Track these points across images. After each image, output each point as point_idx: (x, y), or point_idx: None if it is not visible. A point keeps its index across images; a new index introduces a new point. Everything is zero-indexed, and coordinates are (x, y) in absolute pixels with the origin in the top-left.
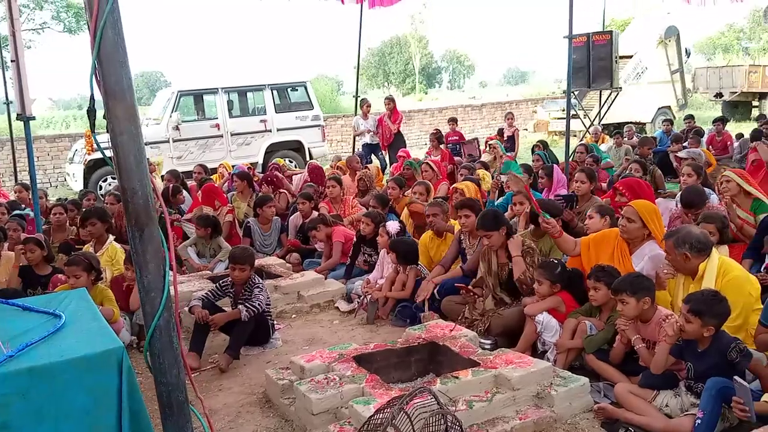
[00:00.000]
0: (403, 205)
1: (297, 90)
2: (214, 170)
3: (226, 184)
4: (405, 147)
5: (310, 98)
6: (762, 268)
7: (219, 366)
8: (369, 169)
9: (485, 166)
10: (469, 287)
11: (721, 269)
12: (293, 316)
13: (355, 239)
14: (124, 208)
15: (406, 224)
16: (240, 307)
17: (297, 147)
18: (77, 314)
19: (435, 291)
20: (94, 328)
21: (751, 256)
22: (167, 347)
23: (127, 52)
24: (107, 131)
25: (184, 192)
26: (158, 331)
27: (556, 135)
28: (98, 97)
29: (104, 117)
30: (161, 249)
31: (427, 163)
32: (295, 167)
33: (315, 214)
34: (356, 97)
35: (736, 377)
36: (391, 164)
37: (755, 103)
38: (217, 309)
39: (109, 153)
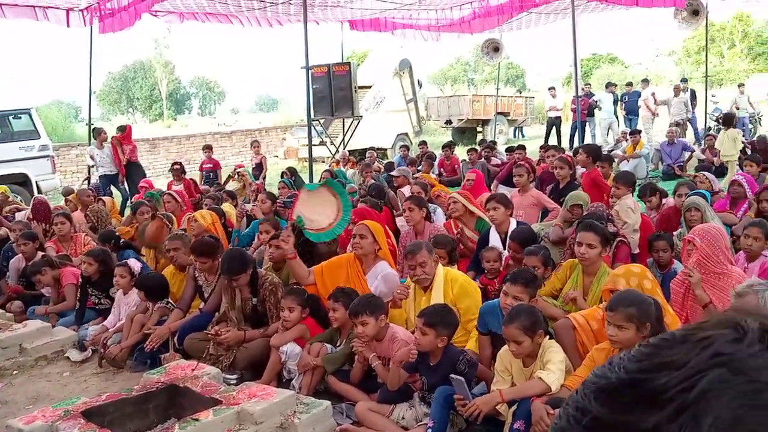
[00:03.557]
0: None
1: (20, 118)
2: None
3: None
4: (145, 177)
5: (35, 126)
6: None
7: None
8: (104, 202)
9: (232, 196)
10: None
11: (448, 278)
12: (14, 372)
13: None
14: None
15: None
16: None
17: (22, 180)
18: None
19: (176, 337)
20: None
21: (474, 269)
22: None
23: None
24: None
25: None
26: None
27: (306, 161)
28: None
29: None
30: None
31: (170, 194)
32: (21, 202)
33: (40, 255)
34: (89, 125)
35: (452, 375)
36: (131, 196)
37: (479, 128)
38: None
39: None
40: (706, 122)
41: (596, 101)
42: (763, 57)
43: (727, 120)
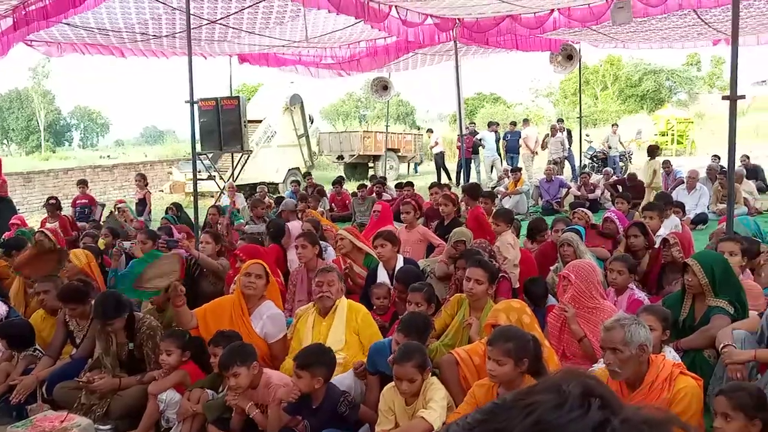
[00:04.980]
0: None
1: None
2: None
3: None
4: (15, 213)
5: None
6: None
7: None
8: None
9: (114, 233)
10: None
11: (352, 308)
12: None
13: None
14: None
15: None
16: None
17: None
18: None
19: (44, 387)
20: None
21: (363, 305)
22: None
23: None
24: None
25: None
26: None
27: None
28: None
29: None
30: None
31: (42, 232)
32: None
33: None
34: None
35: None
36: (0, 233)
37: (371, 164)
38: None
39: None
40: (581, 160)
41: (479, 140)
42: (633, 99)
43: (650, 151)
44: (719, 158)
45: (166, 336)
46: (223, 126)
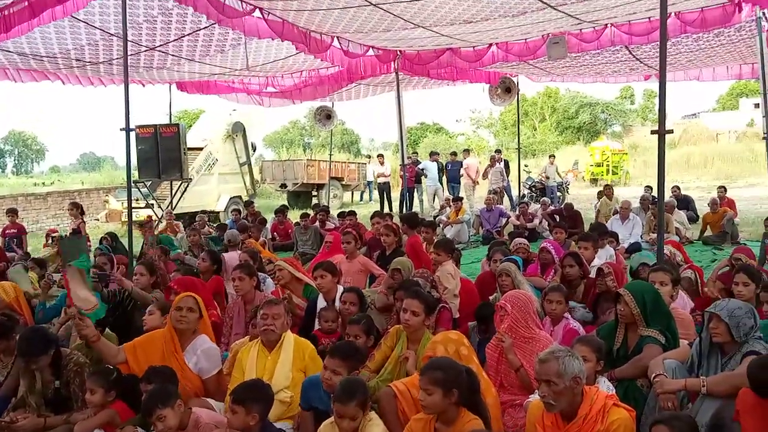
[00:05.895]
0: None
1: None
2: None
3: None
4: None
5: None
6: None
7: None
8: None
9: (39, 264)
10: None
11: (299, 345)
12: None
13: None
14: None
15: None
16: None
17: None
18: None
19: None
20: None
21: (302, 336)
22: None
23: None
24: None
25: None
26: None
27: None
28: None
29: None
30: None
31: None
32: None
33: None
34: None
35: None
36: None
37: (314, 192)
38: None
39: None
40: (520, 190)
41: (422, 169)
42: (570, 130)
43: (609, 194)
44: (652, 189)
45: (90, 374)
46: (162, 153)
